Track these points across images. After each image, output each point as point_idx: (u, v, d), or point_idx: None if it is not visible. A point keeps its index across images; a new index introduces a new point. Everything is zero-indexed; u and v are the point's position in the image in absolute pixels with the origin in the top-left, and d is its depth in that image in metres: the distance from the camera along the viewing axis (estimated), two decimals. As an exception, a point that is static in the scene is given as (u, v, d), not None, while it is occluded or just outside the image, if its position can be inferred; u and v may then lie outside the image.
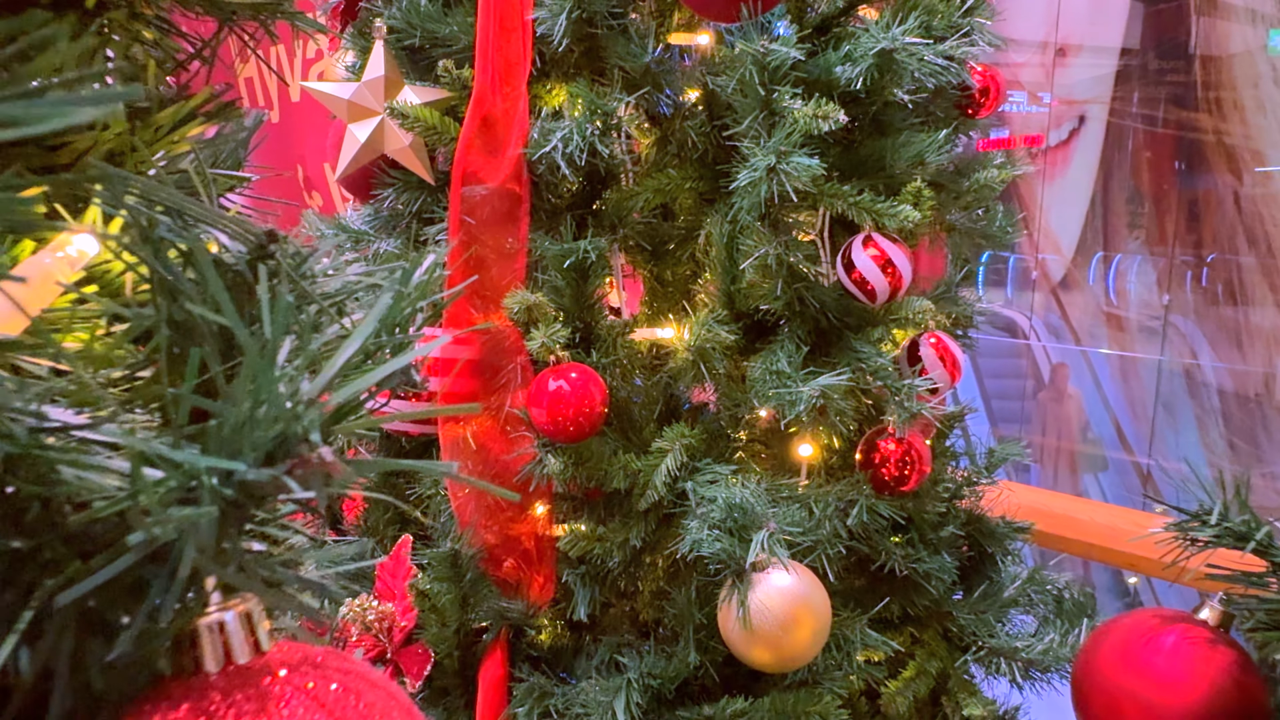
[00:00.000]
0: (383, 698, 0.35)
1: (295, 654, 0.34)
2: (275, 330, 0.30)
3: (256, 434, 0.30)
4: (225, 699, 0.32)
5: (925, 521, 1.61)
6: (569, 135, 1.39)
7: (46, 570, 0.31)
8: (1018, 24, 6.42)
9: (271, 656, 0.34)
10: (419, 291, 0.41)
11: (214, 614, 0.33)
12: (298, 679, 0.33)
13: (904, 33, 1.35)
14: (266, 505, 0.31)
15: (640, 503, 1.41)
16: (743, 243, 1.42)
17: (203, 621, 0.33)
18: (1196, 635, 0.81)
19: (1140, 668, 0.81)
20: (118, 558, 0.29)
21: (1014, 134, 6.64)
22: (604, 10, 1.41)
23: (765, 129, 1.31)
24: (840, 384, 1.37)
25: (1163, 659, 0.80)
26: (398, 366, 0.33)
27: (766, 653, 1.25)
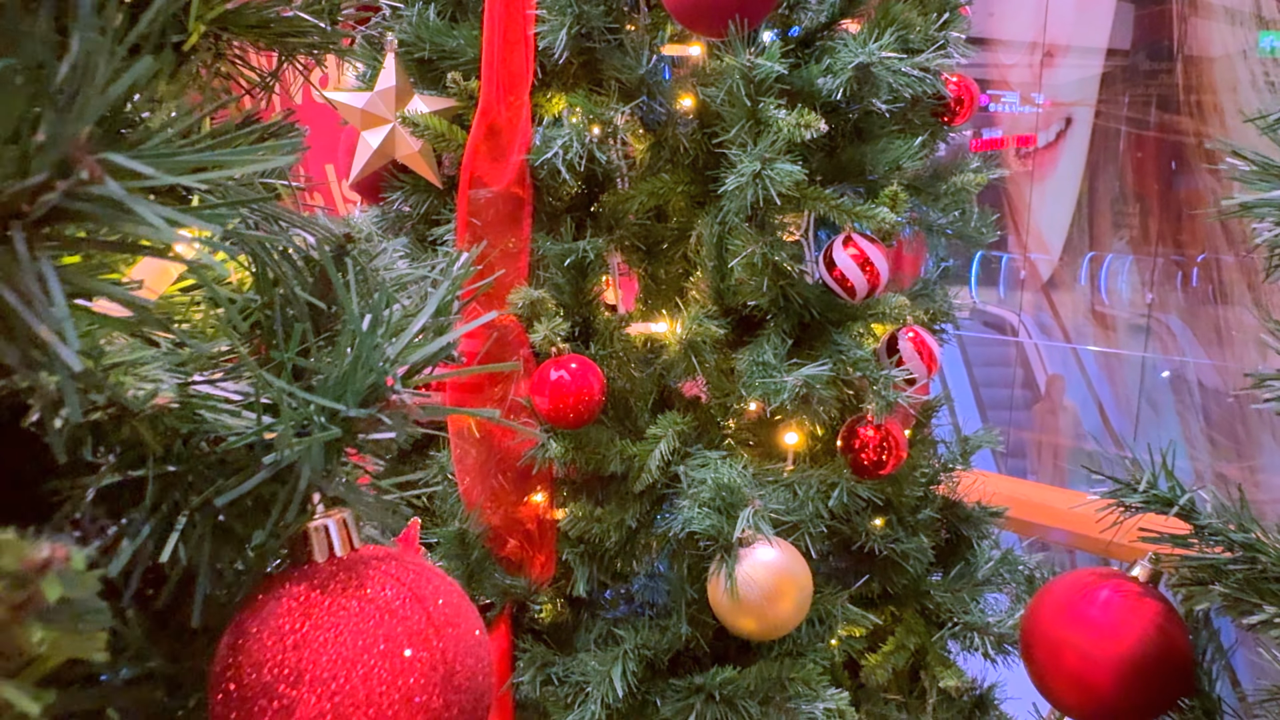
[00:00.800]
0: (445, 583, 0.46)
1: (379, 550, 0.45)
2: (373, 307, 0.41)
3: (355, 384, 0.40)
4: (330, 578, 0.42)
5: (904, 504, 1.72)
6: (569, 142, 1.49)
7: (192, 489, 0.42)
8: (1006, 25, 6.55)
9: (362, 551, 0.45)
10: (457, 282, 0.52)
11: (320, 520, 0.44)
12: (382, 565, 0.43)
13: (881, 47, 1.46)
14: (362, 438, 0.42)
15: (636, 485, 1.52)
16: (731, 243, 1.52)
17: (312, 524, 0.44)
18: (1128, 590, 0.92)
19: (1077, 619, 0.92)
20: (251, 477, 0.40)
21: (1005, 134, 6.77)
22: (601, 26, 1.52)
23: (751, 137, 1.42)
24: (822, 374, 1.48)
25: (1097, 611, 0.91)
26: (451, 339, 0.44)
27: (753, 622, 1.36)
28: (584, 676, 1.49)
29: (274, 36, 0.64)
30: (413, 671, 0.41)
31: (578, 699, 1.47)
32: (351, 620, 0.41)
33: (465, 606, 0.45)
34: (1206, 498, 0.92)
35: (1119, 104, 5.44)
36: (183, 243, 0.33)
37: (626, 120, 1.56)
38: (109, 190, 0.29)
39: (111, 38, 0.30)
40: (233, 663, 0.41)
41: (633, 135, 1.62)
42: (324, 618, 0.41)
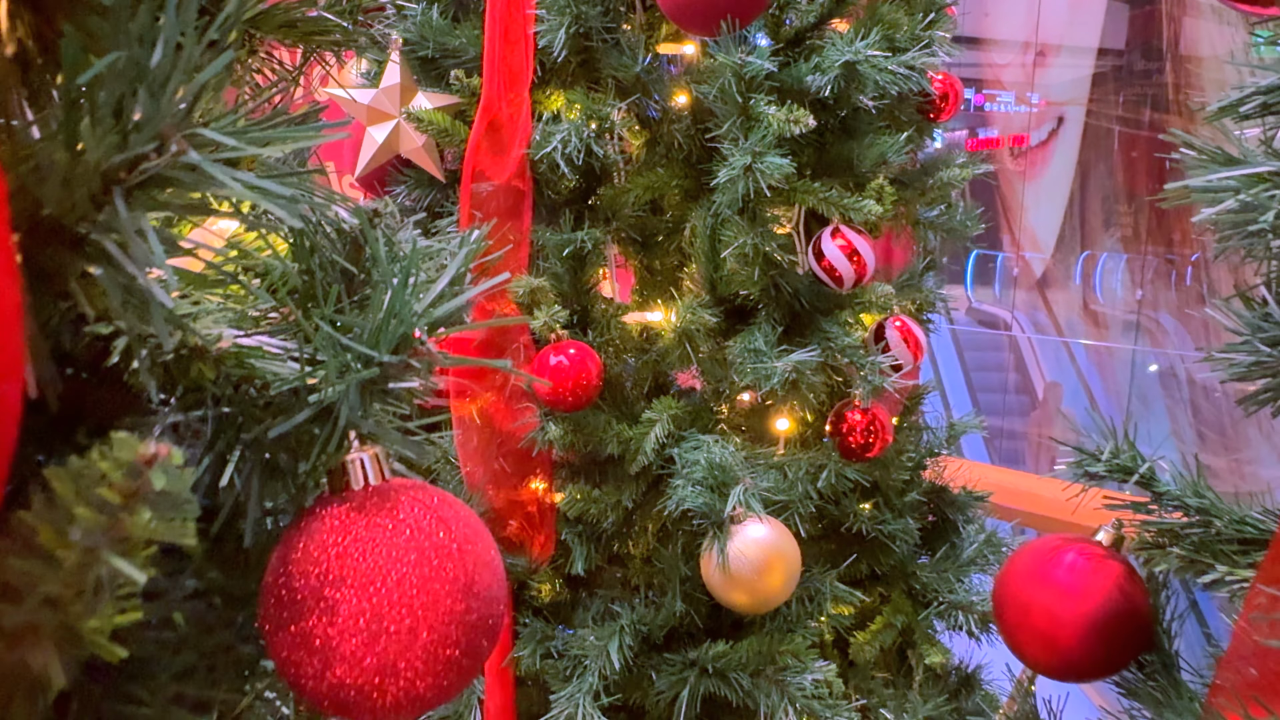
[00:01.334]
0: (465, 510, 0.52)
1: (408, 481, 0.51)
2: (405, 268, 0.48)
3: (387, 334, 0.47)
4: (366, 502, 0.49)
5: (891, 488, 1.79)
6: (567, 137, 1.56)
7: (243, 428, 0.48)
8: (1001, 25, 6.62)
9: (393, 481, 0.51)
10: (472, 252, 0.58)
11: (355, 454, 0.51)
12: (410, 492, 0.50)
13: (866, 46, 1.53)
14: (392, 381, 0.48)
15: (632, 467, 1.58)
16: (724, 234, 1.59)
17: (349, 457, 0.50)
18: (1092, 554, 0.98)
19: (1045, 581, 0.98)
20: (297, 415, 0.47)
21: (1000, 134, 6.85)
22: (598, 25, 1.59)
23: (743, 132, 1.49)
24: (811, 360, 1.54)
25: (1063, 573, 0.98)
26: (467, 297, 0.51)
27: (744, 595, 1.42)
28: (582, 651, 1.55)
29: (300, 35, 0.70)
30: (438, 579, 0.47)
31: (576, 671, 1.54)
32: (385, 536, 0.47)
33: (482, 530, 0.52)
34: (1165, 467, 0.98)
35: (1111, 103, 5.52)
36: (258, 203, 0.40)
37: (623, 116, 1.62)
38: (195, 160, 0.35)
39: (193, 35, 0.36)
40: (284, 572, 0.47)
41: (629, 131, 1.69)
42: (361, 533, 0.47)
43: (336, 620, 0.46)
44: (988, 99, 14.16)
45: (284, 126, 0.40)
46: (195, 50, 0.36)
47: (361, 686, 0.46)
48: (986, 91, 13.93)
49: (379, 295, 0.48)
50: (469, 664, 0.48)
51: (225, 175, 0.36)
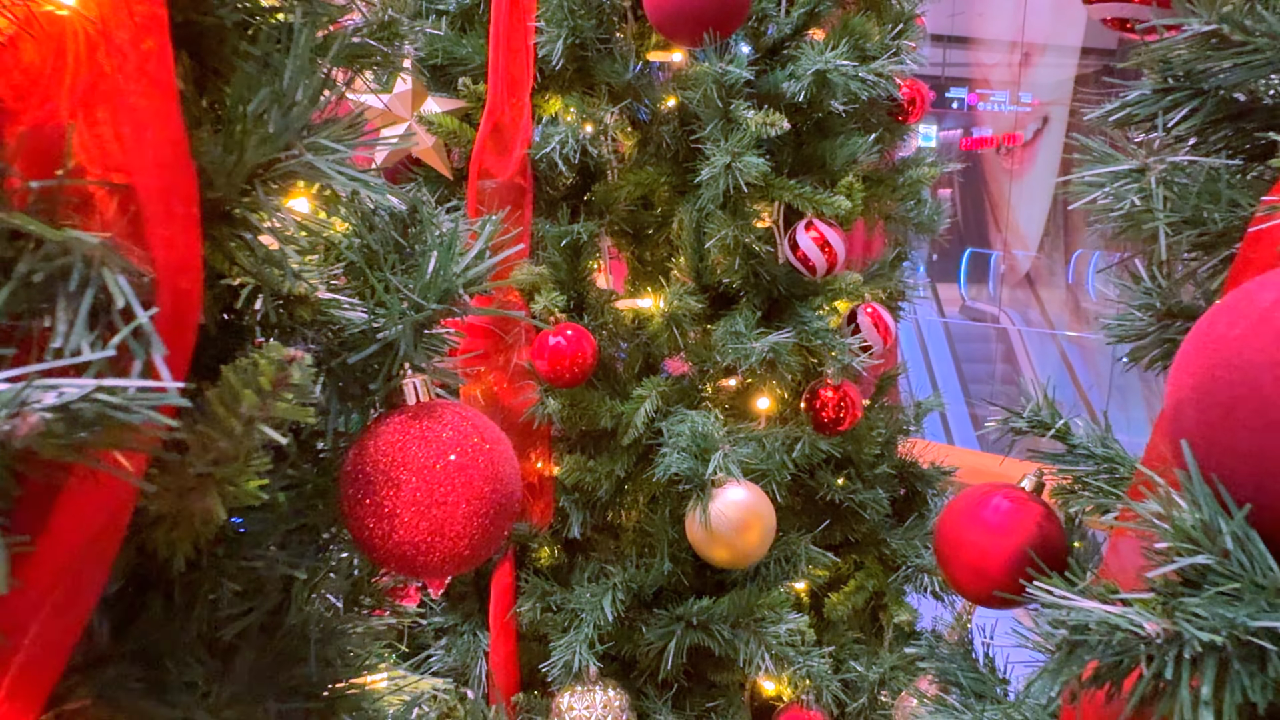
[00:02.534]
0: (489, 422, 0.68)
1: (447, 400, 0.68)
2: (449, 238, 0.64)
3: (435, 289, 0.64)
4: (418, 413, 0.65)
5: (863, 461, 1.96)
6: (565, 138, 1.73)
7: (323, 360, 0.64)
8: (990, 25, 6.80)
9: (436, 400, 0.68)
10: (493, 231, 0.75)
11: (409, 379, 0.67)
12: (450, 408, 0.66)
13: (836, 56, 1.69)
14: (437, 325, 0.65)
15: (624, 439, 1.75)
16: (708, 227, 1.76)
17: (405, 382, 0.67)
18: (1017, 497, 1.15)
19: (975, 521, 1.15)
20: (366, 349, 0.63)
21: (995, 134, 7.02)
22: (593, 36, 1.76)
23: (724, 134, 1.66)
24: (786, 341, 1.71)
25: (990, 514, 1.15)
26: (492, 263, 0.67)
27: (724, 551, 1.59)
28: (579, 606, 1.72)
29: (350, 57, 0.87)
30: (473, 468, 0.64)
31: (573, 624, 1.70)
32: (433, 436, 0.64)
33: (503, 438, 0.68)
34: (1080, 424, 1.15)
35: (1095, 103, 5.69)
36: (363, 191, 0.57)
37: (615, 119, 1.79)
38: (313, 160, 0.52)
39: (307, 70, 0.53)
40: (359, 462, 0.64)
41: (621, 132, 1.86)
42: (416, 434, 0.64)
43: (399, 497, 0.62)
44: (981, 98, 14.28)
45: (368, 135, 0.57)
46: (310, 82, 0.53)
47: (417, 545, 0.62)
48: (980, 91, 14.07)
49: (425, 261, 0.65)
50: (495, 532, 0.65)
51: (333, 171, 0.52)
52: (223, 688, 0.65)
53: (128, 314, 0.45)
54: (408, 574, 0.65)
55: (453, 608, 1.85)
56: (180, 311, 0.48)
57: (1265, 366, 0.58)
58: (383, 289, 0.63)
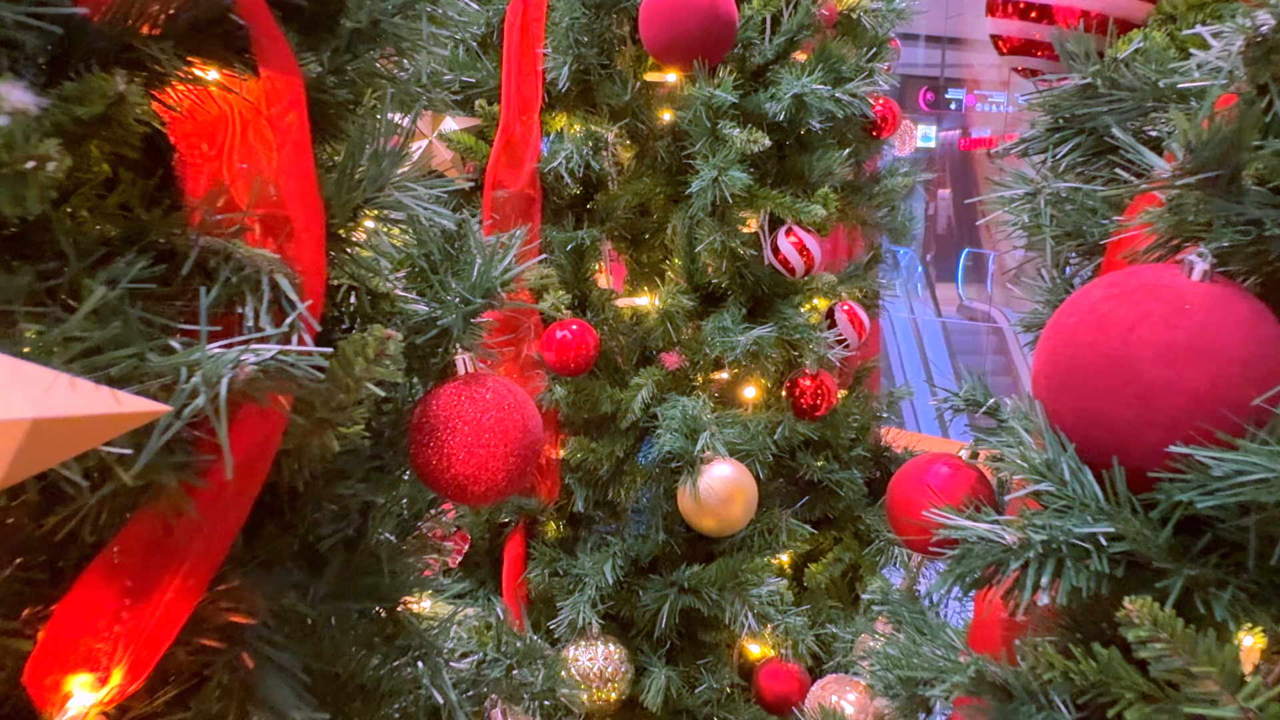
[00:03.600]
0: (520, 389, 0.90)
1: (488, 372, 0.90)
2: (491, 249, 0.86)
3: (480, 287, 0.85)
4: (467, 380, 0.87)
5: (839, 444, 2.18)
6: (570, 153, 1.95)
7: (395, 342, 0.87)
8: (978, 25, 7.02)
9: (480, 372, 0.90)
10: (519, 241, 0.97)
11: (460, 356, 0.89)
12: (491, 378, 0.88)
13: (813, 81, 1.92)
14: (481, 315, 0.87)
15: (623, 423, 1.97)
16: (699, 233, 1.98)
17: (456, 357, 0.89)
18: (955, 464, 1.37)
19: (919, 484, 1.37)
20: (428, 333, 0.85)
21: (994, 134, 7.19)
22: (595, 62, 1.98)
23: (711, 150, 1.88)
24: (768, 335, 1.94)
25: (932, 477, 1.37)
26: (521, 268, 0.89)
27: (711, 520, 1.81)
28: (583, 571, 1.94)
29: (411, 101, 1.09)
30: (509, 420, 0.85)
31: (578, 587, 1.93)
32: (479, 396, 0.86)
33: (528, 400, 0.90)
34: (1009, 402, 1.37)
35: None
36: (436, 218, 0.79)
37: (615, 135, 2.01)
38: (400, 197, 0.74)
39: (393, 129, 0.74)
40: (424, 415, 0.85)
41: (621, 147, 2.08)
42: (467, 394, 0.86)
43: (453, 441, 0.84)
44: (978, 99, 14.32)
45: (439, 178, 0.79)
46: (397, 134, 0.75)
47: (467, 477, 0.84)
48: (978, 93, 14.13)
49: (470, 267, 0.87)
50: (524, 469, 0.86)
51: (414, 204, 0.74)
52: (317, 588, 0.87)
53: (273, 303, 0.67)
54: (459, 501, 0.87)
55: (469, 575, 2.07)
56: (315, 303, 0.69)
57: (1088, 346, 0.80)
58: (441, 289, 0.85)
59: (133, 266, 0.59)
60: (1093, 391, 0.79)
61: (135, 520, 0.70)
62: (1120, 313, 0.79)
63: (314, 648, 0.87)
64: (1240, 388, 0.75)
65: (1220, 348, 0.76)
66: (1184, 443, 0.75)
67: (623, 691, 1.88)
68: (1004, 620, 1.03)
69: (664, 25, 1.87)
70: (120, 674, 0.75)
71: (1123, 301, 0.79)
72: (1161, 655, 0.73)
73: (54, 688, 0.75)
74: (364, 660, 0.92)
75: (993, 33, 1.11)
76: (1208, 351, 0.76)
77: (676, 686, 1.91)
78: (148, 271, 0.61)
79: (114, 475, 0.62)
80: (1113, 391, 0.78)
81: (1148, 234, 0.87)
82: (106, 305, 0.56)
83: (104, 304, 0.55)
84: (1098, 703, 0.79)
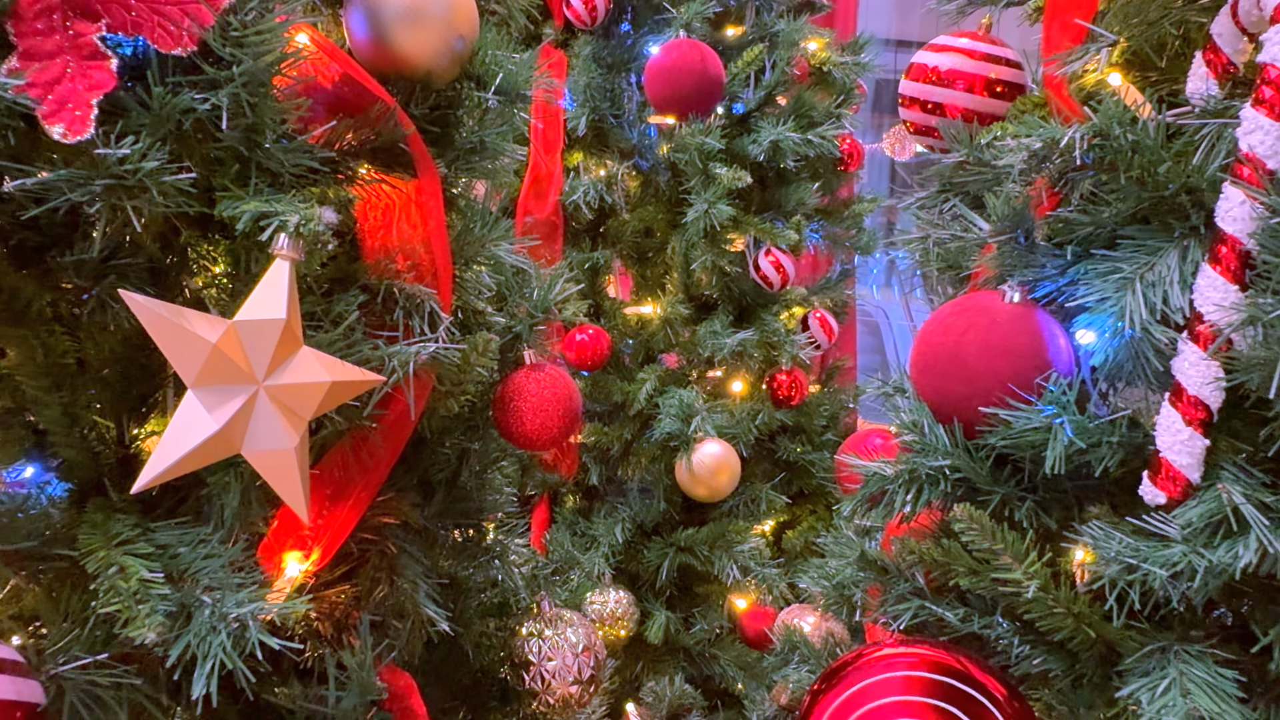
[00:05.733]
0: (568, 375, 1.34)
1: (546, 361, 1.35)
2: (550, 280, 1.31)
3: (540, 305, 1.30)
4: (533, 367, 1.32)
5: (812, 429, 2.64)
6: (587, 187, 2.41)
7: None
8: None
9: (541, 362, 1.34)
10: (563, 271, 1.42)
11: (526, 352, 1.33)
12: (549, 365, 1.32)
13: (786, 129, 2.37)
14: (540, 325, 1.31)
15: (630, 410, 2.43)
16: (693, 253, 2.44)
17: (524, 353, 1.33)
18: (886, 435, 1.82)
19: (858, 450, 1.82)
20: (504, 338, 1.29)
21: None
22: (608, 112, 2.44)
23: (703, 186, 2.34)
24: (751, 338, 2.40)
25: (866, 446, 1.82)
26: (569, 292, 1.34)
27: (703, 489, 2.27)
28: (597, 533, 2.40)
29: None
30: (559, 395, 1.30)
31: (593, 545, 2.38)
32: (541, 378, 1.30)
33: (572, 381, 1.35)
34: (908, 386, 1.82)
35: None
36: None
37: (624, 172, 2.47)
38: (495, 251, 1.18)
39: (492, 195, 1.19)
40: (503, 390, 1.30)
41: (629, 180, 2.54)
42: (533, 378, 1.30)
43: (524, 408, 1.29)
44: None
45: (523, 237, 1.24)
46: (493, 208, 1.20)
47: (534, 432, 1.29)
48: (973, 99, 14.48)
49: (533, 290, 1.32)
50: (572, 426, 1.31)
51: (509, 256, 1.19)
52: (428, 508, 1.33)
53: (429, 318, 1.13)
54: (526, 449, 1.32)
55: (502, 537, 2.53)
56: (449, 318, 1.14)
57: (938, 345, 1.25)
58: (514, 307, 1.31)
59: (354, 298, 1.04)
60: (940, 375, 1.25)
61: (335, 450, 1.16)
62: (957, 323, 1.24)
63: (427, 550, 1.33)
64: (1029, 374, 1.20)
65: (1018, 348, 1.21)
66: (995, 407, 1.20)
67: (630, 630, 2.34)
68: (895, 530, 1.49)
69: (665, 84, 2.33)
70: (317, 554, 1.20)
71: (959, 316, 1.25)
72: (978, 541, 1.18)
73: (278, 561, 1.20)
74: (458, 561, 1.38)
75: (903, 117, 1.56)
76: (1010, 350, 1.21)
77: (675, 626, 2.37)
78: (356, 301, 1.06)
79: (329, 420, 1.07)
80: (951, 375, 1.23)
81: (988, 270, 1.33)
82: (346, 322, 1.01)
83: (346, 322, 1.00)
84: (944, 578, 1.24)
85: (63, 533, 0.95)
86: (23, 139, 0.84)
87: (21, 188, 0.79)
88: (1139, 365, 1.15)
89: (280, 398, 0.90)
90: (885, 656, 1.25)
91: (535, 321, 1.33)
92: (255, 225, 0.89)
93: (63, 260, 0.90)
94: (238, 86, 0.88)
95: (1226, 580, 1.03)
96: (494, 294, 1.28)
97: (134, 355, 1.02)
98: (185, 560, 0.92)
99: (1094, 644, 1.15)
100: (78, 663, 0.87)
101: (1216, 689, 1.03)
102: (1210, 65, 1.17)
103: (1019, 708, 1.19)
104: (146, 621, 0.84)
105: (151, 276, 0.96)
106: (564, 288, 1.35)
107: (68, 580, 0.94)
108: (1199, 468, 1.08)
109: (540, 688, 1.38)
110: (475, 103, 1.18)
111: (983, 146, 1.44)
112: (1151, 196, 1.13)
